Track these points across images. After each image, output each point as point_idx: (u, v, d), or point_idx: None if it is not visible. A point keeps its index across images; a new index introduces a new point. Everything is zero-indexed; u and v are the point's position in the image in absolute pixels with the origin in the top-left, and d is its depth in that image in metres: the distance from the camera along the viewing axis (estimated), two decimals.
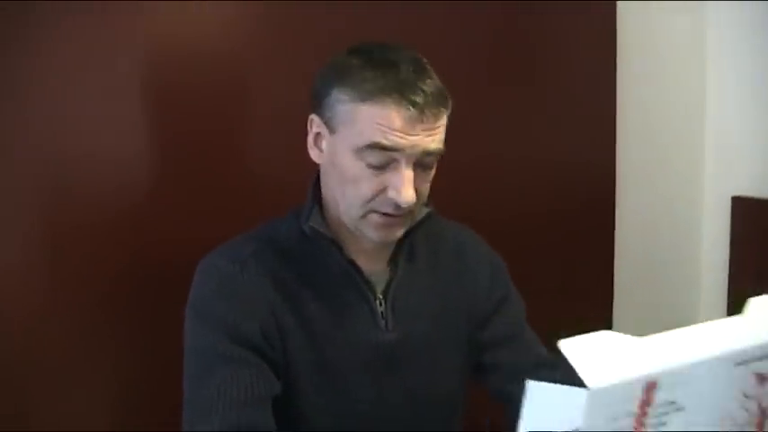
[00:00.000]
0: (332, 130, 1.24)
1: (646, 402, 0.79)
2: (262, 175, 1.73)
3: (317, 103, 1.26)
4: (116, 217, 1.60)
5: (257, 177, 1.72)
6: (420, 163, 1.21)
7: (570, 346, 0.81)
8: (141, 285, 1.62)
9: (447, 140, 1.24)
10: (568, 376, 1.39)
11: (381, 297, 1.32)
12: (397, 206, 1.21)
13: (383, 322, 1.32)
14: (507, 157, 2.09)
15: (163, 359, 1.36)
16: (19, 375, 1.54)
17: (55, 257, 1.56)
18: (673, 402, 0.81)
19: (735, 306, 2.38)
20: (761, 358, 0.88)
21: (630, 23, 2.27)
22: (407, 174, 1.19)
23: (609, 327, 2.26)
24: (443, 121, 1.22)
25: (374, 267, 1.33)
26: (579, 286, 2.24)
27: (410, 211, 1.25)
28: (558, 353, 1.41)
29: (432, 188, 1.29)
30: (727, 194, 2.37)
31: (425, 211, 1.31)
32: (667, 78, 2.39)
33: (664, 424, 0.80)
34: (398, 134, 1.17)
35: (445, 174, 1.31)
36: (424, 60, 1.24)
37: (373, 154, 1.19)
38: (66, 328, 1.57)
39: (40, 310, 1.55)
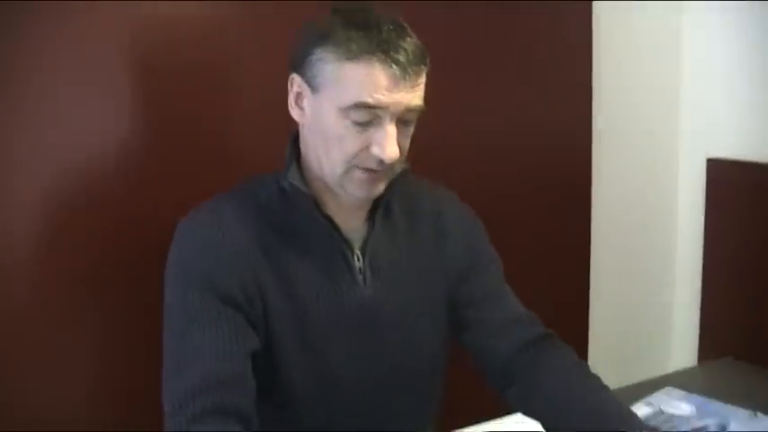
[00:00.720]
0: (314, 90, 1.24)
1: None
2: (245, 145, 1.72)
3: (298, 63, 1.26)
4: (100, 190, 1.58)
5: (241, 145, 1.71)
6: (402, 119, 1.23)
7: None
8: (126, 258, 1.61)
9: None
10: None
11: (359, 253, 1.34)
12: (381, 162, 1.22)
13: (361, 278, 1.33)
14: (483, 124, 2.10)
15: (149, 330, 1.35)
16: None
17: (40, 232, 1.54)
18: None
19: (709, 268, 2.44)
20: None
21: None
22: (391, 130, 1.21)
23: (586, 291, 2.31)
24: (423, 78, 1.25)
25: (352, 225, 1.35)
26: (556, 252, 2.26)
27: (391, 167, 1.26)
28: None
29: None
30: (702, 156, 2.40)
31: (401, 167, 1.33)
32: (644, 42, 2.40)
33: None
34: (383, 92, 1.19)
35: (425, 157, 1.34)
36: (401, 20, 1.25)
37: (358, 112, 1.20)
38: (51, 300, 1.56)
39: (25, 284, 1.54)
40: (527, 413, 1.33)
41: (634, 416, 1.28)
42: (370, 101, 1.19)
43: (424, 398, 1.45)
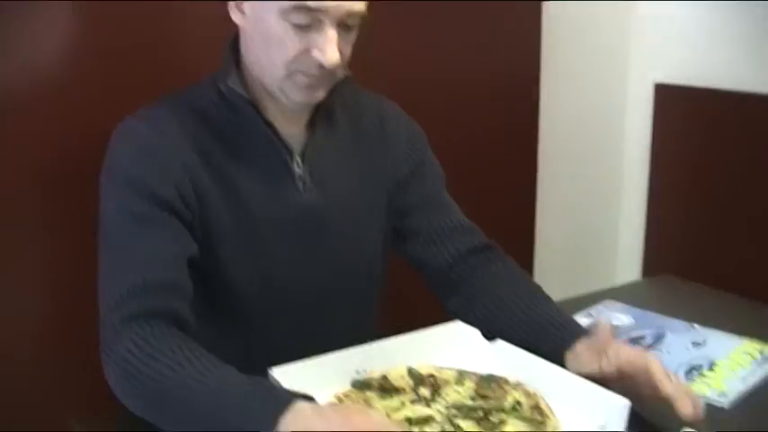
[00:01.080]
0: None
1: None
2: (187, 49, 1.68)
3: None
4: (37, 97, 1.55)
5: (183, 49, 1.68)
6: (343, 24, 1.21)
7: None
8: (65, 166, 1.59)
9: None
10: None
11: (299, 159, 1.32)
12: (321, 66, 1.21)
13: (301, 184, 1.32)
14: (434, 50, 2.09)
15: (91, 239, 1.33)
16: None
17: None
18: None
19: (654, 190, 2.46)
20: None
21: None
22: (332, 34, 1.19)
23: (532, 214, 2.33)
24: None
25: (292, 130, 1.33)
26: (503, 171, 2.26)
27: (332, 73, 1.24)
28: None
29: None
30: (650, 81, 2.41)
31: (342, 74, 1.31)
32: None
33: None
34: None
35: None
36: None
37: (299, 14, 1.18)
38: None
39: None
40: (468, 322, 1.34)
41: (577, 325, 1.29)
42: (310, 3, 1.16)
43: (365, 306, 1.46)
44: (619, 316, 1.56)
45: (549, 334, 1.26)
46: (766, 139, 2.10)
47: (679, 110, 2.36)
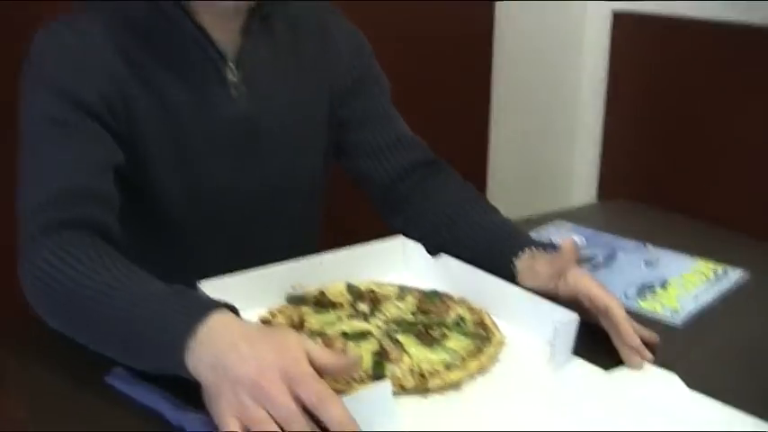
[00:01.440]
0: None
1: None
2: None
3: None
4: None
5: None
6: None
7: None
8: None
9: None
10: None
11: (233, 65, 1.24)
12: None
13: (234, 91, 1.24)
14: None
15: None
16: None
17: None
18: None
19: (611, 117, 2.43)
20: None
21: None
22: None
23: (486, 141, 2.28)
24: None
25: (226, 36, 1.24)
26: (457, 103, 2.22)
27: None
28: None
29: None
30: (607, 9, 2.37)
31: None
32: None
33: None
34: None
35: None
36: None
37: None
38: None
39: None
40: (413, 238, 1.28)
41: (525, 234, 1.24)
42: None
43: (304, 221, 1.40)
44: (569, 235, 1.51)
45: (497, 244, 1.20)
46: (721, 67, 2.07)
47: (636, 38, 2.32)
